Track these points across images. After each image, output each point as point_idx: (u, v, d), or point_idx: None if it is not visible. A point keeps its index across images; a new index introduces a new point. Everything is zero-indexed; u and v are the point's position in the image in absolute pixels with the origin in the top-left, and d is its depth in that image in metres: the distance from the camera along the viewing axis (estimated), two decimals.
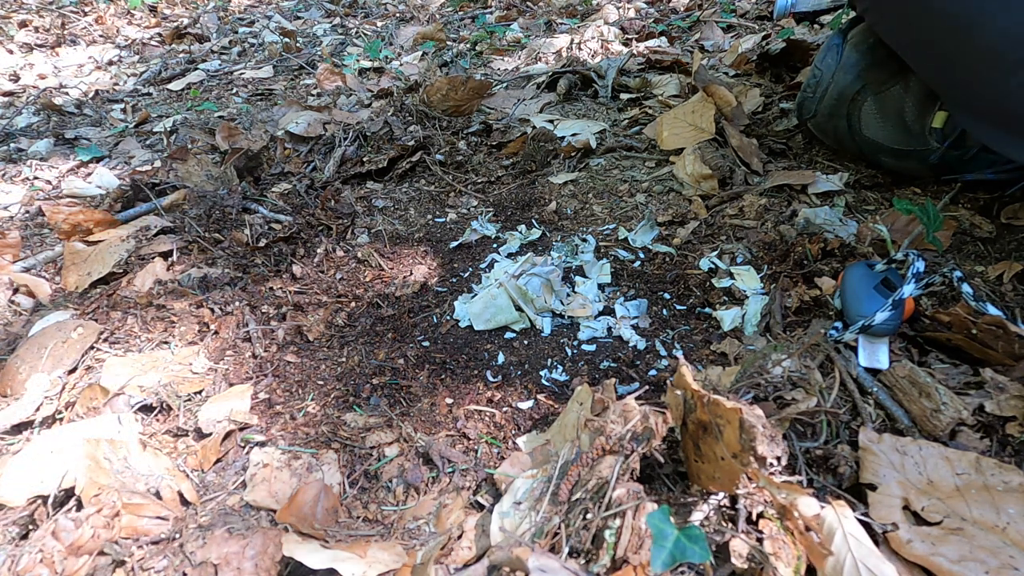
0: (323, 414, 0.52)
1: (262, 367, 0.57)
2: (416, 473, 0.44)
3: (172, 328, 0.62)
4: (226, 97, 1.44)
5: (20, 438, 0.52)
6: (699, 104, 0.89)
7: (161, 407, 0.53)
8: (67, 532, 0.40)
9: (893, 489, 0.36)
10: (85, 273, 0.72)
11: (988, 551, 0.31)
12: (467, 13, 1.94)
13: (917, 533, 0.33)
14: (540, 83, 1.17)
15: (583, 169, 0.86)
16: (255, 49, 1.85)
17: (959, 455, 0.37)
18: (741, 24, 1.45)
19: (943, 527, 0.33)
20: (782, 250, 0.62)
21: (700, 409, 0.36)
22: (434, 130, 0.99)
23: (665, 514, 0.30)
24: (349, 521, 0.42)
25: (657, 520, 0.30)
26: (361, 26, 1.96)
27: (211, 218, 0.79)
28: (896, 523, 0.33)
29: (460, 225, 0.78)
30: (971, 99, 0.54)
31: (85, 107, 1.46)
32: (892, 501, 0.35)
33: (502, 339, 0.59)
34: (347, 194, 0.84)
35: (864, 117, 0.69)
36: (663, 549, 0.29)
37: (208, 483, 0.47)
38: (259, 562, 0.37)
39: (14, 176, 1.10)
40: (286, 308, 0.64)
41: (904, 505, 0.35)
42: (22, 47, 1.98)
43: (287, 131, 1.05)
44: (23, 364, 0.58)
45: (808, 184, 0.72)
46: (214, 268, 0.70)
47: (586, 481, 0.33)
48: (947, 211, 0.65)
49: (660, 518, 0.30)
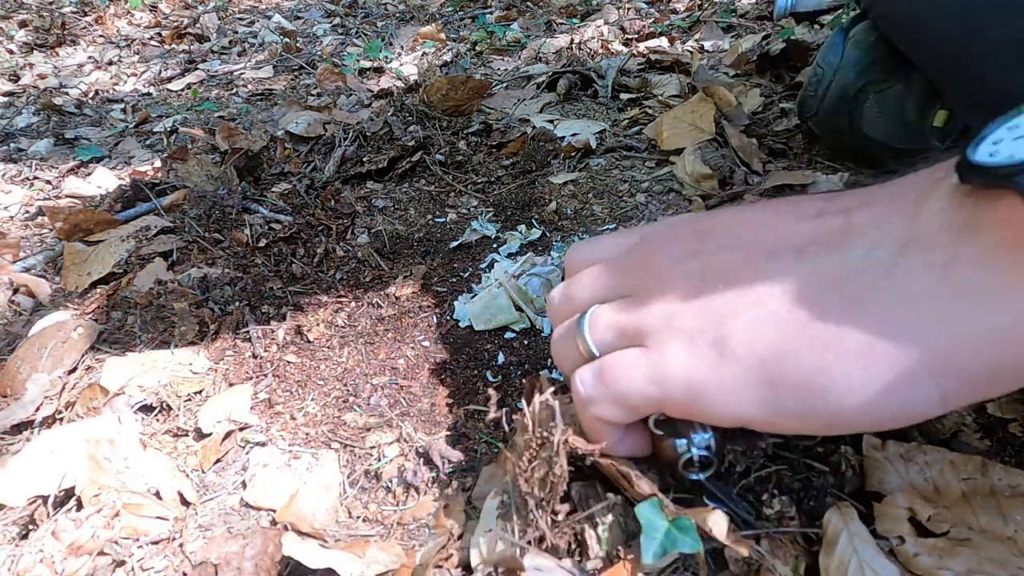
0: (323, 414, 0.52)
1: (262, 367, 0.57)
2: (416, 473, 0.44)
3: (172, 328, 0.62)
4: (226, 97, 1.44)
5: (20, 438, 0.52)
6: (699, 104, 0.89)
7: (161, 407, 0.53)
8: (67, 532, 0.40)
9: (899, 500, 0.35)
10: (85, 273, 0.72)
11: (996, 563, 0.31)
12: (467, 13, 1.94)
13: (923, 546, 0.33)
14: (540, 83, 1.17)
15: (583, 169, 0.86)
16: (255, 49, 1.85)
17: (964, 459, 0.37)
18: (741, 24, 1.45)
19: (950, 538, 0.33)
20: None
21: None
22: (434, 130, 0.99)
23: (655, 506, 0.29)
24: (349, 521, 0.42)
25: (647, 512, 0.29)
26: (361, 26, 1.96)
27: (211, 218, 0.79)
28: (903, 536, 0.33)
29: (460, 225, 0.78)
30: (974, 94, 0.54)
31: (85, 107, 1.46)
32: (898, 512, 0.35)
33: (502, 339, 0.59)
34: (347, 194, 0.84)
35: (865, 115, 0.69)
36: (654, 540, 0.28)
37: (208, 483, 0.47)
38: (259, 562, 0.37)
39: (14, 176, 1.10)
40: (286, 308, 0.64)
41: (910, 516, 0.34)
42: (22, 47, 1.98)
43: (287, 131, 1.05)
44: (23, 364, 0.58)
45: (808, 184, 0.72)
46: (214, 268, 0.70)
47: (537, 485, 0.32)
48: None
49: (650, 510, 0.29)
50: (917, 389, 0.22)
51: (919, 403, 0.23)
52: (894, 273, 0.23)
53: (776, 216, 0.28)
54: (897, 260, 0.23)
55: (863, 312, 0.23)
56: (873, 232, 0.24)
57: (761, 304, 0.26)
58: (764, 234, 0.28)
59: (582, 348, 0.32)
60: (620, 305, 0.31)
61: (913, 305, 0.22)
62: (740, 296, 0.26)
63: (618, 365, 0.29)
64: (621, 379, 0.29)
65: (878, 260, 0.23)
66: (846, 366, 0.23)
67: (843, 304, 0.24)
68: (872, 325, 0.23)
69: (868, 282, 0.23)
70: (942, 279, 0.22)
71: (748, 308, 0.26)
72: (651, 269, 0.30)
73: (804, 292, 0.25)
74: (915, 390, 0.22)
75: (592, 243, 0.37)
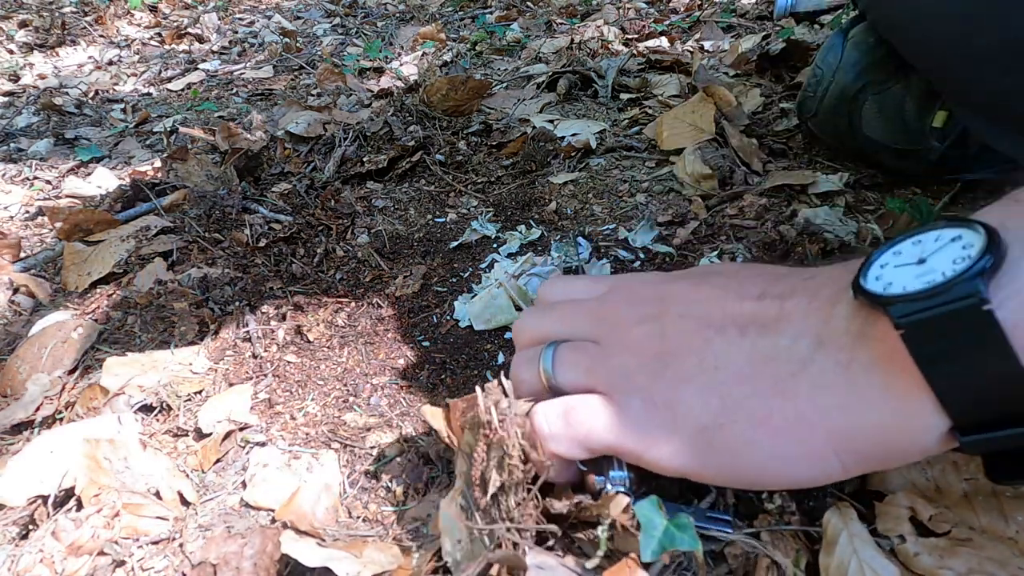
0: (323, 414, 0.52)
1: (262, 367, 0.57)
2: (416, 473, 0.44)
3: (172, 328, 0.62)
4: (226, 97, 1.44)
5: (20, 438, 0.52)
6: (699, 104, 0.89)
7: (161, 407, 0.53)
8: (67, 532, 0.40)
9: (900, 499, 0.35)
10: (85, 273, 0.72)
11: (997, 563, 0.31)
12: (467, 13, 1.94)
13: (924, 545, 0.33)
14: (540, 83, 1.17)
15: (583, 169, 0.86)
16: (255, 49, 1.85)
17: (966, 459, 0.37)
18: (741, 24, 1.45)
19: (951, 537, 0.33)
20: (782, 250, 0.62)
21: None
22: (434, 130, 0.99)
23: (654, 504, 0.30)
24: (349, 521, 0.42)
25: (646, 510, 0.30)
26: (361, 26, 1.96)
27: (211, 218, 0.79)
28: (904, 535, 0.33)
29: (460, 225, 0.78)
30: (972, 95, 0.54)
31: (85, 107, 1.46)
32: (899, 512, 0.35)
33: (502, 339, 0.59)
34: (347, 194, 0.84)
35: (865, 116, 0.69)
36: (652, 538, 0.29)
37: (208, 483, 0.47)
38: (258, 561, 0.37)
39: (14, 176, 1.10)
40: (286, 308, 0.64)
41: (911, 515, 0.34)
42: (22, 47, 1.98)
43: (287, 131, 1.05)
44: (23, 364, 0.58)
45: (808, 184, 0.72)
46: (214, 268, 0.70)
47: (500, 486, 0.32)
48: (947, 211, 0.65)
49: (649, 508, 0.30)
50: (824, 462, 0.28)
51: (826, 473, 0.28)
52: (811, 365, 0.28)
53: (725, 293, 0.32)
54: (814, 355, 0.28)
55: (788, 396, 0.28)
56: (799, 322, 0.29)
57: (708, 375, 0.30)
58: (713, 309, 0.32)
59: (544, 378, 0.35)
60: (586, 349, 0.35)
61: (824, 395, 0.27)
62: (691, 365, 0.31)
63: (583, 409, 0.33)
64: (585, 423, 0.32)
65: (800, 351, 0.28)
66: (772, 440, 0.28)
67: (773, 386, 0.28)
68: (793, 408, 0.28)
69: (793, 370, 0.28)
70: (844, 376, 0.27)
71: (697, 377, 0.30)
72: (617, 323, 0.35)
73: (744, 370, 0.29)
74: (823, 463, 0.28)
75: (566, 281, 0.43)
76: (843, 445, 0.27)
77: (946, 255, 0.25)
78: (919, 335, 0.24)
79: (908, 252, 0.27)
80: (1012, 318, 0.23)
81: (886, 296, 0.25)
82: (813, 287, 0.30)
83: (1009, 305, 0.23)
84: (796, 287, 0.31)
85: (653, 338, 0.33)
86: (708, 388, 0.30)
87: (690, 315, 0.33)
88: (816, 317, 0.29)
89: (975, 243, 0.24)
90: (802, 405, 0.28)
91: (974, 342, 0.23)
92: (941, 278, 0.24)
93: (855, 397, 0.26)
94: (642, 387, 0.32)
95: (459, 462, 0.36)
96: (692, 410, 0.30)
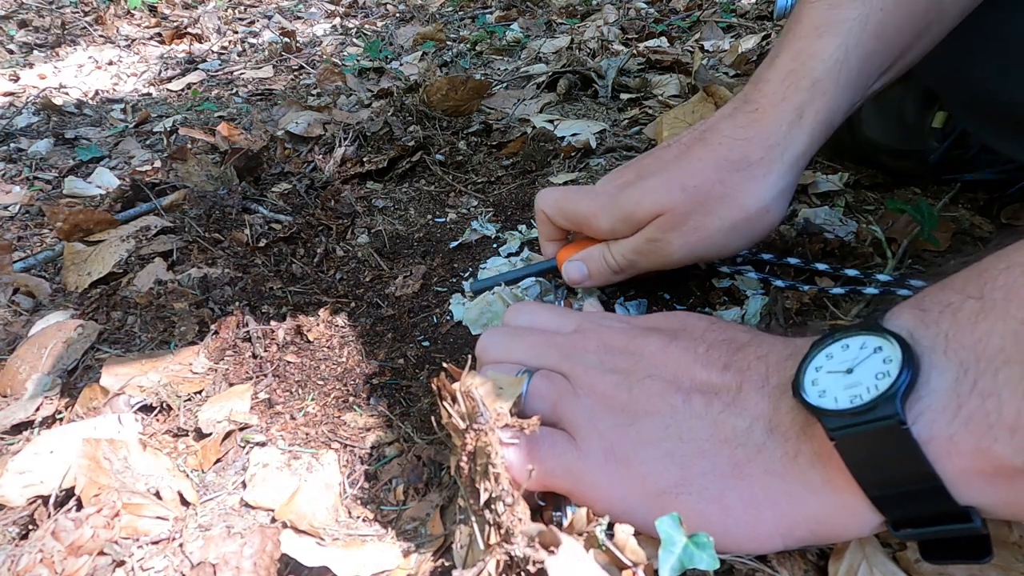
0: (323, 414, 0.52)
1: (262, 367, 0.57)
2: (416, 473, 0.44)
3: (172, 328, 0.62)
4: (226, 97, 1.44)
5: (20, 438, 0.52)
6: (699, 104, 0.89)
7: (161, 407, 0.53)
8: (67, 532, 0.40)
9: None
10: (85, 273, 0.72)
11: (999, 568, 0.31)
12: (467, 13, 1.94)
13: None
14: (540, 83, 1.17)
15: (583, 169, 0.86)
16: (255, 49, 1.85)
17: None
18: (741, 24, 1.45)
19: None
20: (782, 250, 0.62)
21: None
22: (434, 130, 0.99)
23: (675, 520, 0.30)
24: (349, 521, 0.42)
25: (667, 526, 0.30)
26: (361, 26, 1.96)
27: (211, 218, 0.79)
28: (905, 542, 0.33)
29: (460, 225, 0.78)
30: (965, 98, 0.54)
31: (85, 107, 1.46)
32: None
33: None
34: (347, 194, 0.84)
35: (864, 116, 0.69)
36: (671, 555, 0.30)
37: (208, 483, 0.47)
38: (258, 561, 0.37)
39: (14, 176, 1.10)
40: (286, 308, 0.64)
41: None
42: (22, 47, 1.98)
43: (287, 131, 1.05)
44: (23, 364, 0.58)
45: (808, 184, 0.72)
46: (214, 268, 0.70)
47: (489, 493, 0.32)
48: (947, 211, 0.65)
49: (670, 524, 0.30)
50: (768, 540, 0.31)
51: (765, 548, 0.31)
52: (763, 451, 0.31)
53: (694, 359, 0.35)
54: (766, 441, 0.31)
55: (743, 478, 0.31)
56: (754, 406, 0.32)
57: (673, 443, 0.32)
58: (681, 373, 0.35)
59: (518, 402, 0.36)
60: (555, 381, 0.37)
61: (774, 481, 0.30)
62: (657, 429, 0.33)
63: (548, 447, 0.34)
64: (548, 460, 0.34)
65: (755, 437, 0.31)
66: (722, 517, 0.31)
67: (731, 468, 0.31)
68: (745, 490, 0.30)
69: (749, 455, 0.31)
70: (790, 466, 0.30)
71: (662, 443, 0.33)
72: (587, 366, 0.37)
73: (705, 446, 0.32)
74: (766, 541, 0.31)
75: (533, 309, 0.46)
76: (787, 529, 0.30)
77: (870, 368, 0.28)
78: (849, 446, 0.27)
79: (838, 357, 0.29)
80: (925, 433, 0.26)
81: (819, 409, 0.28)
82: (764, 371, 0.33)
83: (922, 421, 0.26)
84: (751, 365, 0.33)
85: (621, 389, 0.35)
86: (670, 457, 0.32)
87: (659, 377, 0.35)
88: (768, 403, 0.31)
89: (893, 358, 0.27)
90: (755, 488, 0.30)
91: (895, 454, 0.26)
92: (867, 395, 0.27)
93: (800, 486, 0.29)
94: (605, 436, 0.34)
95: (451, 460, 0.36)
96: (652, 473, 0.32)
